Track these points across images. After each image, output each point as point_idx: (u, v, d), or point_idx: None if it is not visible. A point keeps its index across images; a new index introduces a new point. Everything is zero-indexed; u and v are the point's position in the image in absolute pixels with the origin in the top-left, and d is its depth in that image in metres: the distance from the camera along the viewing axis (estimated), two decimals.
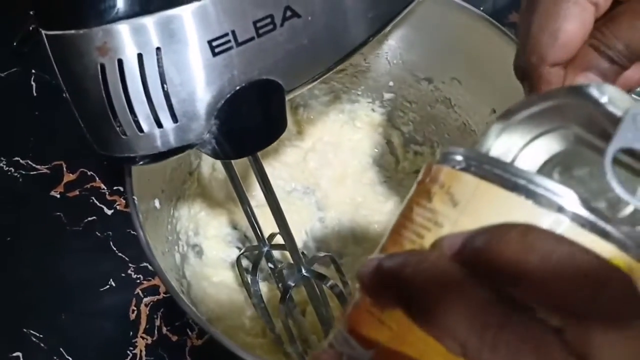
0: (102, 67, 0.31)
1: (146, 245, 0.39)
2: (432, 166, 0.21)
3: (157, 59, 0.31)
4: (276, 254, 0.53)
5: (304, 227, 0.61)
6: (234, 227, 0.60)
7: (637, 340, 0.16)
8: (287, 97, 0.37)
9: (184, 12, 0.31)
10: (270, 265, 0.51)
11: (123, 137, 0.33)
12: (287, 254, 0.48)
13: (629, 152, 0.19)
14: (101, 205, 0.60)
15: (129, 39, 0.31)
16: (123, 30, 0.30)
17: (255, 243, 0.52)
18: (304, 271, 0.45)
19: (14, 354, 0.53)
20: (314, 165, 0.63)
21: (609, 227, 0.18)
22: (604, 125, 0.20)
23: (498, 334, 0.16)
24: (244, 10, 0.32)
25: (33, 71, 0.67)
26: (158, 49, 0.31)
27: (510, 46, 0.51)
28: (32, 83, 0.67)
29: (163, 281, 0.38)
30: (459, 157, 0.20)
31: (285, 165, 0.63)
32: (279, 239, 0.48)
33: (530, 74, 0.31)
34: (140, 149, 0.34)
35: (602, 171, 0.18)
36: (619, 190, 0.18)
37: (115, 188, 0.61)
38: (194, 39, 0.31)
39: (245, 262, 0.55)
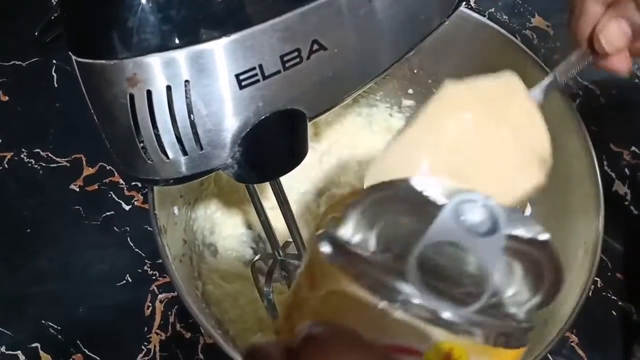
0: (131, 97, 0.32)
1: (170, 267, 0.40)
2: (315, 243, 0.21)
3: (185, 91, 0.32)
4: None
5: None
6: (249, 227, 0.61)
7: None
8: (310, 122, 0.38)
9: (214, 47, 0.31)
10: (284, 273, 0.52)
11: (149, 162, 0.34)
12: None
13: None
14: (119, 201, 0.61)
15: (159, 72, 0.31)
16: (154, 62, 0.31)
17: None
18: None
19: (32, 345, 0.54)
20: (329, 168, 0.64)
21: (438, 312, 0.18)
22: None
23: None
24: (272, 45, 0.32)
25: (54, 61, 0.68)
26: (187, 81, 0.32)
27: (532, 66, 0.51)
28: (53, 74, 0.67)
29: (182, 298, 0.40)
30: (327, 247, 0.21)
31: (300, 167, 0.64)
32: (293, 246, 0.50)
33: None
34: (165, 174, 0.35)
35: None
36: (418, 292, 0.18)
37: (133, 184, 0.62)
38: (222, 72, 0.32)
39: (259, 264, 0.56)
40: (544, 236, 0.19)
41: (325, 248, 0.21)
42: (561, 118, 0.50)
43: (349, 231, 0.21)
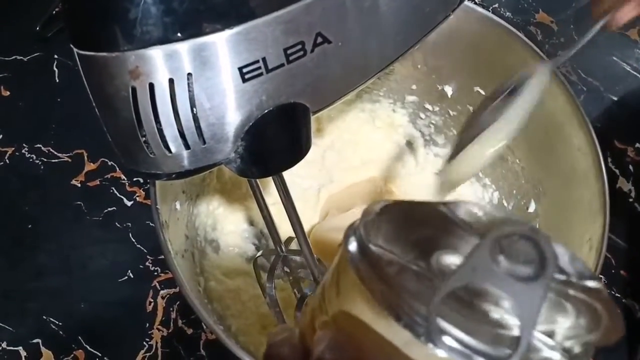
0: (133, 89, 0.31)
1: (172, 262, 0.40)
2: (344, 239, 0.20)
3: (188, 84, 0.31)
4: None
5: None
6: (251, 223, 0.61)
7: None
8: (313, 117, 0.38)
9: (216, 40, 0.31)
10: (287, 269, 0.52)
11: (151, 156, 0.34)
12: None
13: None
14: (121, 196, 0.61)
15: (161, 64, 0.31)
16: (156, 55, 0.31)
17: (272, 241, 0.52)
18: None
19: (34, 341, 0.54)
20: (331, 163, 0.64)
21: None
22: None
23: None
24: (276, 38, 0.32)
25: (55, 57, 0.67)
26: (189, 74, 0.31)
27: (536, 62, 0.50)
28: (55, 69, 0.67)
29: (184, 294, 0.39)
30: (352, 245, 0.19)
31: (302, 162, 0.63)
32: (296, 242, 0.49)
33: None
34: (168, 168, 0.34)
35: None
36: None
37: (135, 179, 0.61)
38: (225, 65, 0.31)
39: (261, 260, 0.56)
40: (595, 284, 0.17)
41: (352, 246, 0.19)
42: (566, 114, 0.50)
43: (381, 235, 0.19)
